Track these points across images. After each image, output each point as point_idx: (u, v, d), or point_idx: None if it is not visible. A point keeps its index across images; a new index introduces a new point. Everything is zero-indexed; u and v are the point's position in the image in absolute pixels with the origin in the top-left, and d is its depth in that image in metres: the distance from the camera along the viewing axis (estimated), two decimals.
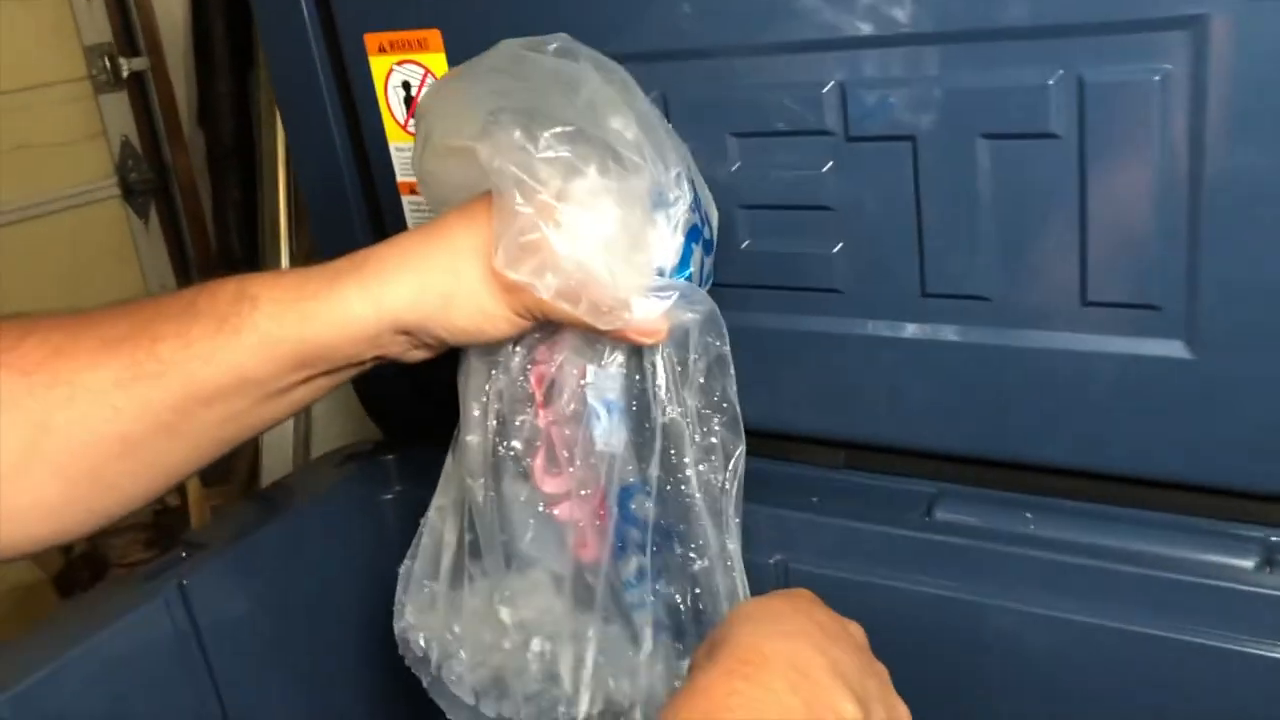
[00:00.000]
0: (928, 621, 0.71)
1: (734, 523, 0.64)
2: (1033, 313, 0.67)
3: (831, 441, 0.78)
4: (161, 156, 2.32)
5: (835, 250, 0.71)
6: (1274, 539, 0.66)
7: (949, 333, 0.70)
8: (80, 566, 1.95)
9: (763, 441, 0.80)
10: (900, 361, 0.72)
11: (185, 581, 0.75)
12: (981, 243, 0.66)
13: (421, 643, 0.71)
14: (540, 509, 0.67)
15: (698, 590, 0.65)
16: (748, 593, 0.65)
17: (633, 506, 0.65)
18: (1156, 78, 0.58)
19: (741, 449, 0.64)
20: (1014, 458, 0.71)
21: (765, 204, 0.73)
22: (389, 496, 0.88)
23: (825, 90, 0.67)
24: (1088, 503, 0.71)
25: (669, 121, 0.72)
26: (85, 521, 0.56)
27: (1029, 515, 0.71)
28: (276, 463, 1.64)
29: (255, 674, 0.79)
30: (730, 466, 0.64)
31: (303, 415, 1.61)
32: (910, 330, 0.71)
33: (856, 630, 0.59)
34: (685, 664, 0.67)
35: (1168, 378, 0.64)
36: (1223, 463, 0.65)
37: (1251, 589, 0.63)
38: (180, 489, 1.95)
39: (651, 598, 0.66)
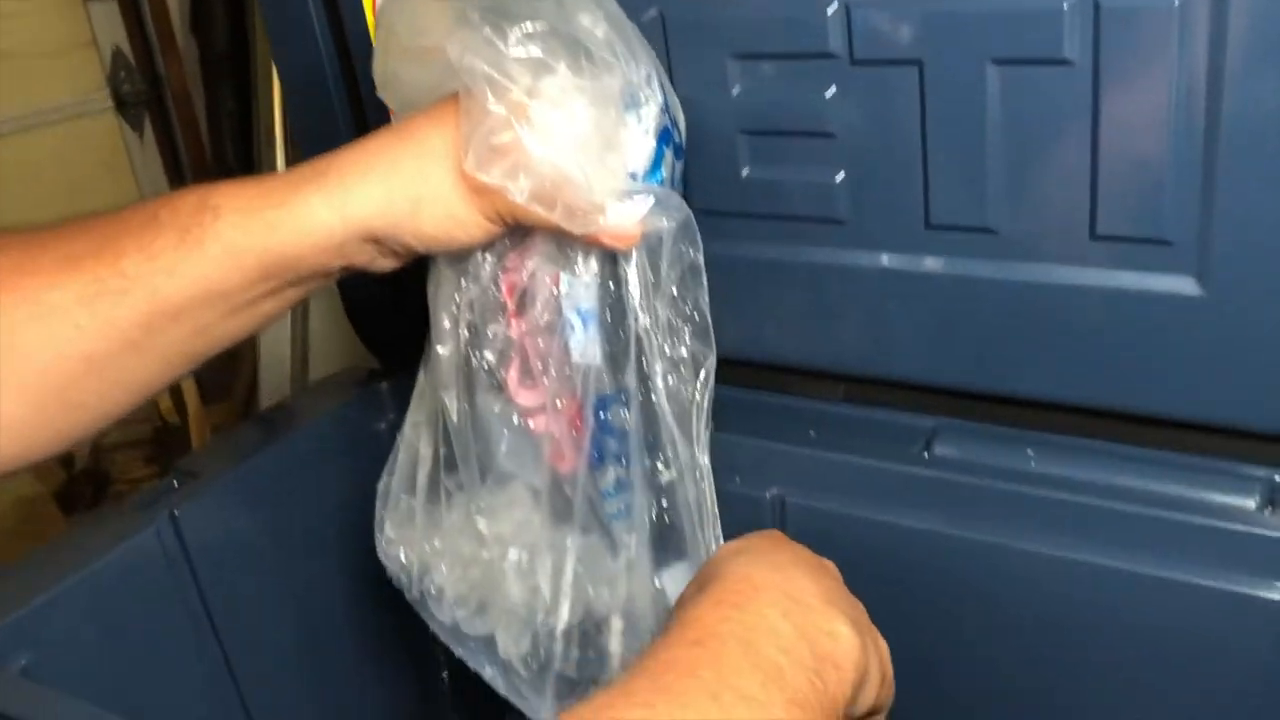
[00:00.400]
0: (924, 559, 0.70)
1: (704, 435, 0.63)
2: (1039, 246, 0.65)
3: (831, 375, 0.77)
4: (154, 66, 2.26)
5: (837, 179, 0.69)
6: (1278, 478, 0.65)
7: (953, 266, 0.68)
8: (82, 482, 1.96)
9: (760, 374, 0.79)
10: (902, 294, 0.70)
11: (177, 511, 0.75)
12: (988, 173, 0.64)
13: (402, 558, 0.71)
14: (515, 421, 0.66)
15: (665, 503, 0.64)
16: (715, 510, 0.65)
17: (608, 417, 0.64)
18: (1175, 3, 0.55)
19: (712, 360, 0.63)
20: (1016, 393, 0.70)
21: (766, 130, 0.70)
22: (382, 425, 0.87)
23: (830, 11, 0.64)
24: (1090, 439, 0.70)
25: (666, 43, 0.70)
26: (53, 441, 0.55)
27: (1030, 452, 0.70)
28: (275, 379, 1.63)
29: (250, 603, 0.79)
30: (701, 378, 0.63)
31: (300, 333, 1.60)
32: (913, 263, 0.69)
33: (833, 568, 0.58)
34: (664, 575, 0.66)
35: (1176, 314, 0.62)
36: (1228, 401, 0.63)
37: (1251, 529, 0.62)
38: (181, 407, 1.95)
39: (629, 507, 0.65)
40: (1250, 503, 0.64)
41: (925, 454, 0.72)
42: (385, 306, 0.87)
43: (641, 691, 0.40)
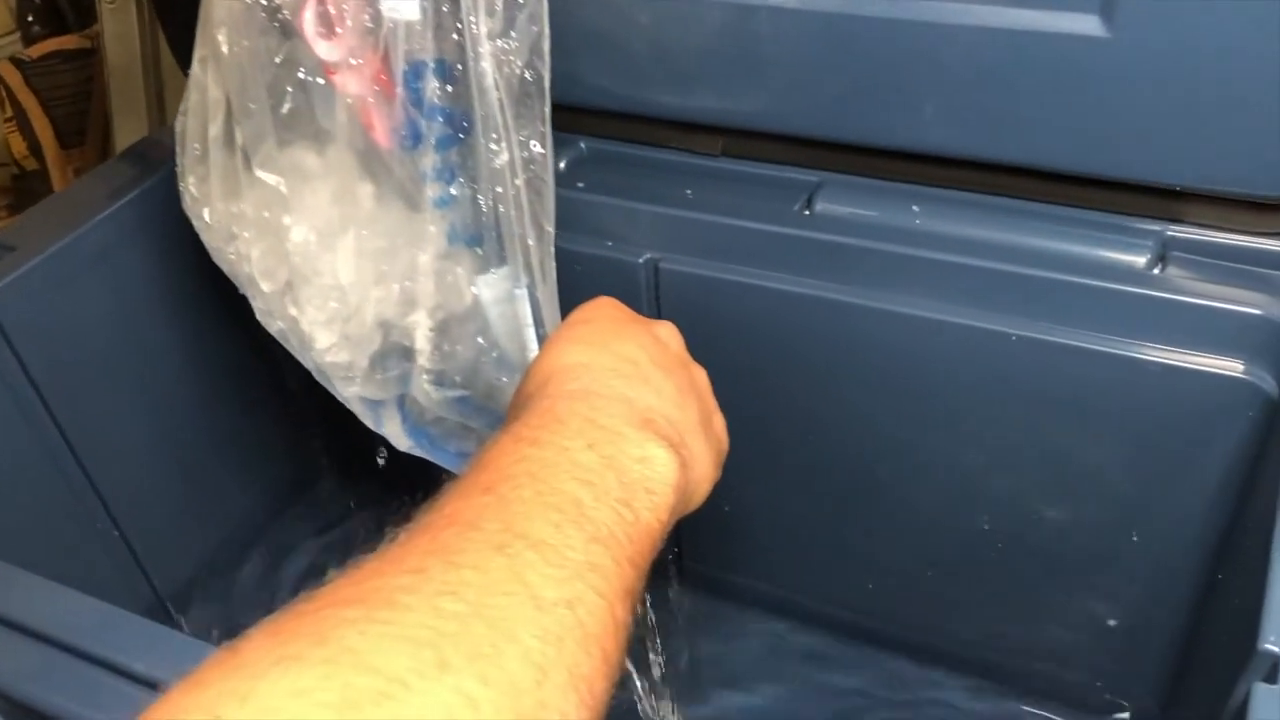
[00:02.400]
0: (805, 323, 0.67)
1: (545, 113, 0.57)
2: None
3: (708, 128, 0.70)
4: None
5: None
6: (1170, 233, 0.62)
7: (839, 5, 0.60)
8: None
9: (634, 127, 0.73)
10: (782, 36, 0.63)
11: None
12: None
13: (206, 218, 0.65)
14: (301, 75, 0.58)
15: (499, 189, 0.58)
16: (551, 210, 0.59)
17: (421, 86, 0.57)
18: None
19: (546, 30, 0.55)
20: (903, 146, 0.65)
21: None
22: None
23: None
24: (979, 194, 0.65)
25: None
26: None
27: (916, 208, 0.66)
28: (132, 122, 1.51)
29: (89, 386, 0.74)
30: (533, 45, 0.56)
31: (153, 69, 1.47)
32: (796, 2, 0.61)
33: (669, 333, 0.54)
34: (481, 281, 0.62)
35: (1078, 58, 0.57)
36: (1126, 154, 0.59)
37: (1138, 290, 0.59)
38: (39, 152, 1.82)
39: (452, 197, 0.60)
40: (1141, 259, 0.61)
41: (806, 211, 0.68)
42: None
43: (416, 553, 0.35)
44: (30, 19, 2.09)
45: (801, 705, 0.82)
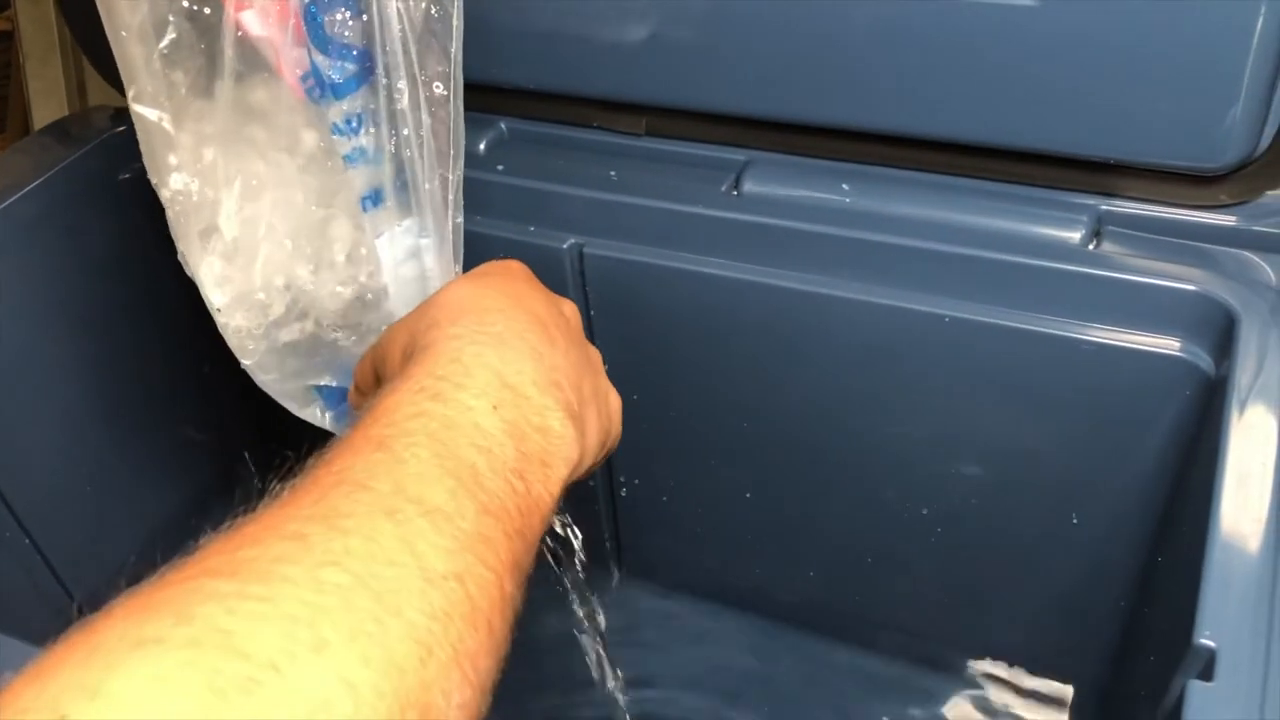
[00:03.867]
0: (735, 307, 0.65)
1: (452, 53, 0.53)
2: None
3: (632, 105, 0.68)
4: None
5: None
6: (1105, 208, 0.60)
7: None
8: None
9: (555, 106, 0.70)
10: (705, 11, 0.60)
11: None
12: None
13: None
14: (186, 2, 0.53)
15: (405, 132, 0.54)
16: (461, 152, 0.56)
17: (323, 20, 0.53)
18: None
19: None
20: (830, 122, 0.63)
21: None
22: (127, 175, 0.75)
23: None
24: (910, 171, 0.63)
25: None
26: None
27: (846, 186, 0.63)
28: (51, 106, 1.46)
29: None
30: None
31: (73, 57, 1.41)
32: None
33: (571, 311, 0.52)
34: (382, 240, 0.58)
35: (1006, 27, 0.55)
36: (1058, 127, 0.57)
37: (1073, 268, 0.57)
38: None
39: (368, 149, 0.56)
40: (1075, 235, 0.59)
41: (735, 192, 0.65)
42: None
43: (298, 517, 0.32)
44: None
45: (742, 694, 0.81)
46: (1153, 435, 0.59)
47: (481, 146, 0.70)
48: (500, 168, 0.68)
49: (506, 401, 0.40)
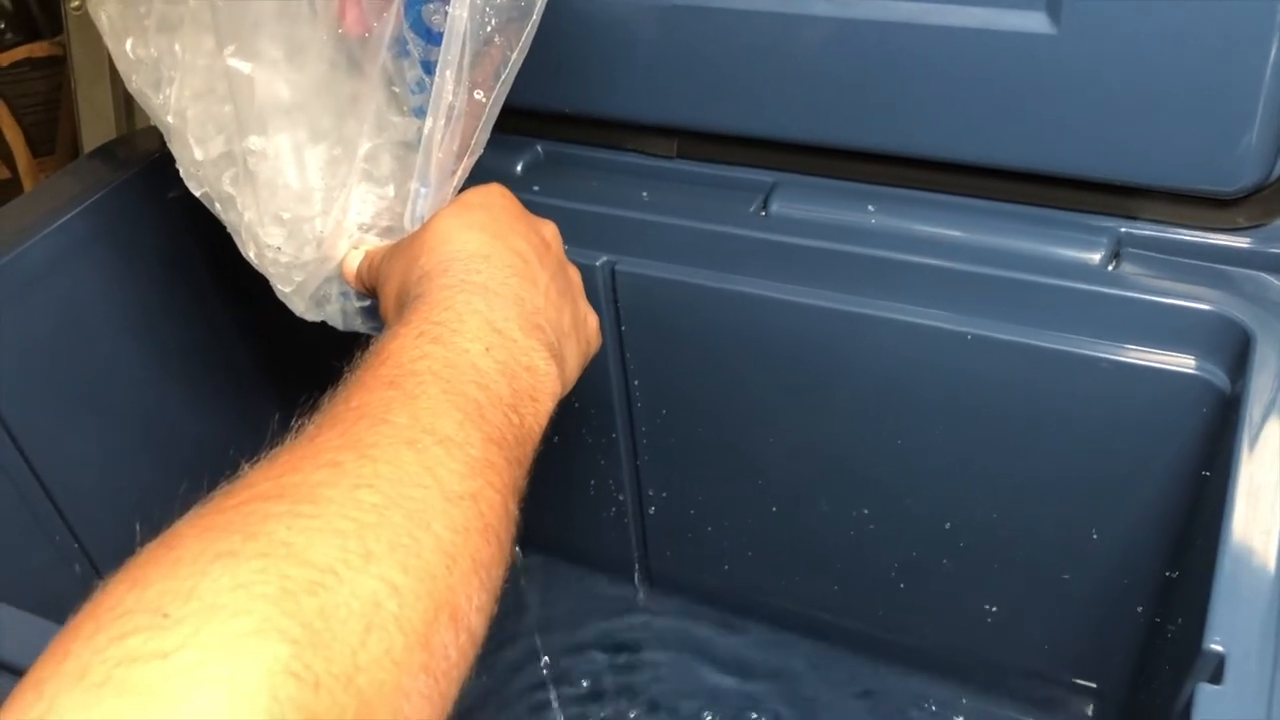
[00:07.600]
0: (763, 325, 0.67)
1: (502, 76, 0.54)
2: None
3: (663, 129, 0.70)
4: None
5: None
6: (1124, 230, 0.62)
7: (790, 5, 0.60)
8: None
9: (589, 129, 0.72)
10: (735, 37, 0.62)
11: None
12: None
13: (129, 51, 0.57)
14: None
15: (440, 123, 0.54)
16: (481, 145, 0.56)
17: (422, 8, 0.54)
18: None
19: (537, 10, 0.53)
20: (857, 145, 0.64)
21: None
22: (174, 195, 0.78)
23: None
24: (934, 193, 0.65)
25: None
26: None
27: (871, 207, 0.65)
28: (100, 127, 1.50)
29: (39, 397, 0.73)
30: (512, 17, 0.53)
31: (122, 85, 1.45)
32: (748, 4, 0.61)
33: (551, 233, 0.55)
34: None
35: (1027, 55, 0.57)
36: (1079, 151, 0.59)
37: (1093, 288, 0.59)
38: (10, 160, 1.80)
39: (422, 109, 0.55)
40: (1095, 256, 0.61)
41: (763, 212, 0.67)
42: None
43: (330, 447, 0.36)
44: (1, 26, 2.08)
45: (764, 706, 0.82)
46: (1170, 451, 0.60)
47: (518, 168, 0.73)
48: (536, 188, 0.71)
49: (497, 344, 0.44)
